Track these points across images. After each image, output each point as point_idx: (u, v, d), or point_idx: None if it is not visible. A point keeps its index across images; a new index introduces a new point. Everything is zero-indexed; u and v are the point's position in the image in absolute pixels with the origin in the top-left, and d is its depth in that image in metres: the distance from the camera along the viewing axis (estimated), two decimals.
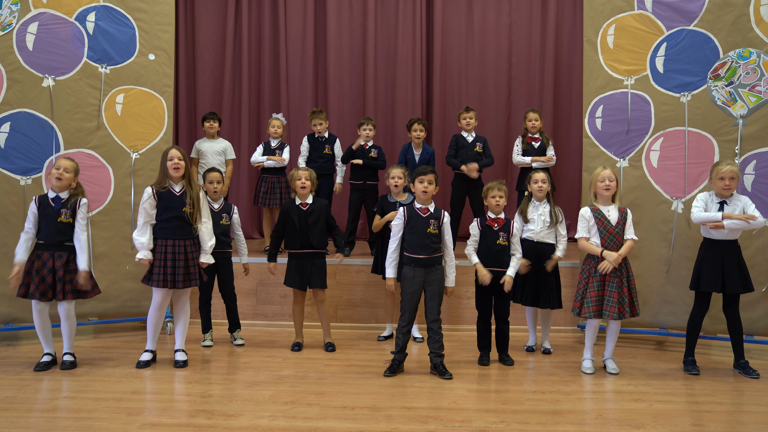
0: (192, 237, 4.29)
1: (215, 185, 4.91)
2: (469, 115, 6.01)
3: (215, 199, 4.94)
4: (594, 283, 4.24)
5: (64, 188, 4.23)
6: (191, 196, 4.26)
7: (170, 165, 4.23)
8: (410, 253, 4.18)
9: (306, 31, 7.64)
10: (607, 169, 4.37)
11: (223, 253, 4.90)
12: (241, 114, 7.66)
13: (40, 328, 4.23)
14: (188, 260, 4.24)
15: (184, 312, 4.40)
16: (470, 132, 6.01)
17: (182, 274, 4.21)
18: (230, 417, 3.39)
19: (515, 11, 7.62)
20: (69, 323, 4.26)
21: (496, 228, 4.42)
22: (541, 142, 6.01)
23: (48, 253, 4.17)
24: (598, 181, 4.34)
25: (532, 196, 4.70)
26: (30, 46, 4.88)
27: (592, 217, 4.31)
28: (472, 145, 5.96)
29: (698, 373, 4.30)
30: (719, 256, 4.25)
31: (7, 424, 3.26)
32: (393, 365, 4.22)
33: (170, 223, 4.21)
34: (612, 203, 4.34)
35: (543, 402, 3.72)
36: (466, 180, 5.92)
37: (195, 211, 4.28)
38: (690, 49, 4.93)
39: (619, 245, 4.26)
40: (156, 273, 4.18)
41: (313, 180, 4.80)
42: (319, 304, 4.83)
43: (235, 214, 5.01)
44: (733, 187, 4.24)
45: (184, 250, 4.23)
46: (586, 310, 4.23)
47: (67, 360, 4.27)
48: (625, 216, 4.32)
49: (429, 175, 4.18)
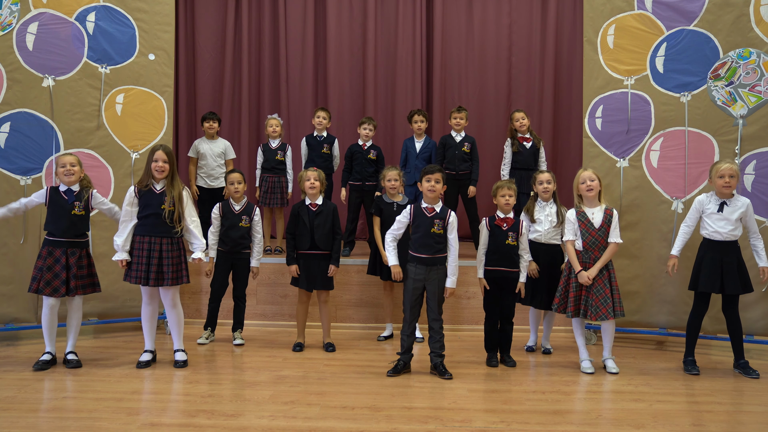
0: (170, 236, 4.23)
1: (236, 186, 4.91)
2: (460, 115, 6.00)
3: (238, 200, 4.93)
4: (574, 283, 4.29)
5: (76, 182, 4.30)
6: (172, 195, 4.24)
7: (154, 166, 4.22)
8: (414, 251, 4.18)
9: (306, 31, 7.63)
10: (588, 170, 4.42)
11: (241, 254, 4.91)
12: (241, 114, 7.66)
13: (47, 326, 4.23)
14: (162, 259, 4.20)
15: (175, 312, 4.34)
16: (459, 132, 6.02)
17: (155, 272, 4.17)
18: (230, 417, 3.39)
19: (515, 11, 7.62)
20: (77, 317, 4.32)
21: (505, 228, 4.42)
22: (532, 143, 6.01)
23: (60, 250, 4.19)
24: (579, 183, 4.38)
25: (537, 196, 4.71)
26: (30, 46, 4.88)
27: (576, 220, 4.33)
28: (460, 145, 5.97)
29: (698, 373, 4.30)
30: (719, 256, 4.25)
31: (8, 424, 3.26)
32: (398, 365, 4.21)
33: (148, 219, 4.21)
34: (599, 203, 4.35)
35: (543, 402, 3.72)
36: (457, 179, 5.93)
37: (176, 210, 4.24)
38: (690, 49, 4.93)
39: (601, 248, 4.27)
40: (134, 270, 4.19)
41: (322, 180, 4.80)
42: (321, 304, 4.83)
43: (257, 216, 5.00)
44: (732, 185, 4.25)
45: (160, 248, 4.20)
46: (568, 310, 4.31)
47: (72, 359, 4.29)
48: (610, 218, 4.32)
49: (436, 174, 4.17)
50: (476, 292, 4.89)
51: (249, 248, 4.95)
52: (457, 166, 5.93)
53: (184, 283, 4.32)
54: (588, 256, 4.29)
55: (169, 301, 4.32)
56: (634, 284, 5.00)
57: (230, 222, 4.88)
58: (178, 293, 4.38)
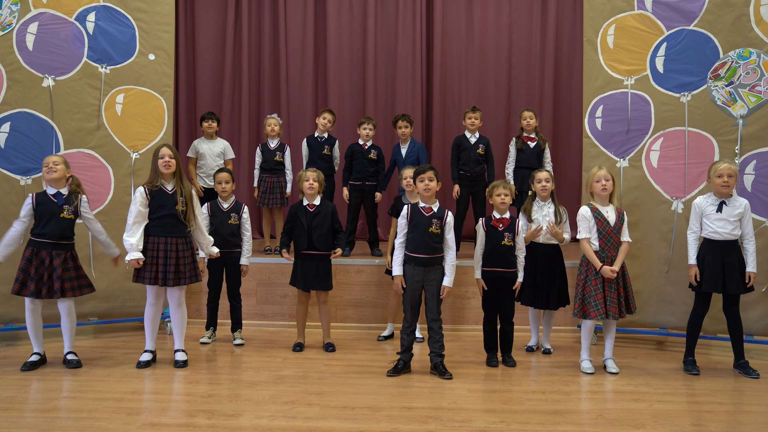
0: (184, 236, 4.26)
1: (224, 185, 4.92)
2: (474, 116, 5.98)
3: (225, 198, 4.95)
4: (598, 285, 4.24)
5: (59, 180, 4.23)
6: (183, 194, 4.25)
7: (161, 163, 4.21)
8: (411, 251, 4.17)
9: (306, 31, 7.64)
10: (603, 169, 4.37)
11: (231, 253, 4.91)
12: (241, 114, 7.66)
13: (31, 327, 4.23)
14: (179, 258, 4.22)
15: (180, 311, 4.36)
16: (474, 132, 6.00)
17: (173, 272, 4.19)
18: (230, 417, 3.39)
19: (515, 11, 7.62)
20: (70, 320, 4.28)
21: (501, 228, 4.41)
22: (536, 143, 6.01)
23: (46, 251, 4.16)
24: (594, 181, 4.34)
25: (536, 195, 4.70)
26: (30, 46, 4.88)
27: (593, 217, 4.31)
28: (475, 147, 5.95)
29: (698, 373, 4.30)
30: (720, 256, 4.25)
31: (7, 424, 3.26)
32: (398, 365, 4.21)
33: (163, 220, 4.20)
34: (609, 203, 4.34)
35: (543, 402, 3.72)
36: (471, 179, 5.92)
37: (188, 209, 4.26)
38: (690, 49, 4.93)
39: (615, 246, 4.27)
40: (148, 271, 4.17)
41: (321, 181, 4.80)
42: (321, 305, 4.84)
43: (245, 214, 5.01)
44: (731, 184, 4.24)
45: (176, 248, 4.21)
46: (596, 313, 4.19)
47: (72, 359, 4.28)
48: (622, 217, 4.33)
49: (428, 173, 4.17)
50: (476, 292, 4.89)
51: (239, 246, 4.95)
52: (472, 168, 5.92)
53: (198, 281, 4.38)
54: (605, 254, 4.26)
55: (175, 300, 4.33)
56: (634, 284, 4.95)
57: (219, 220, 4.89)
58: (184, 293, 4.40)
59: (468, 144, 5.97)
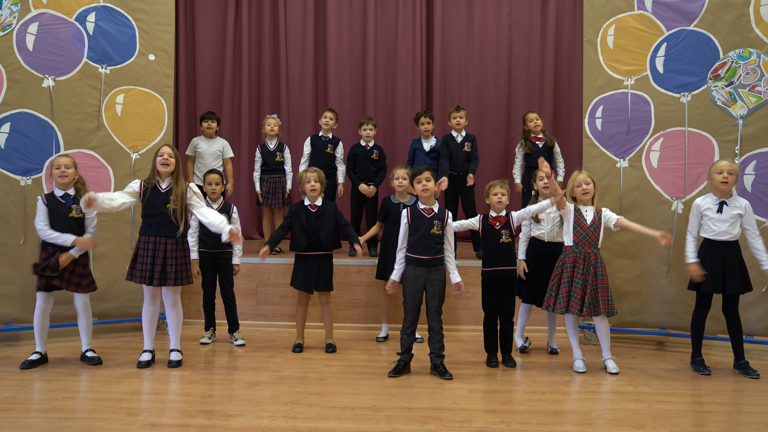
0: (174, 236, 4.24)
1: (213, 186, 4.93)
2: (459, 114, 5.99)
3: (214, 200, 4.95)
4: (565, 279, 4.29)
5: (69, 185, 4.30)
6: (176, 193, 4.24)
7: (159, 160, 4.23)
8: (412, 253, 4.17)
9: (306, 32, 7.63)
10: (583, 173, 4.43)
11: (223, 253, 4.91)
12: (241, 114, 7.65)
13: (38, 326, 4.26)
14: (167, 259, 4.21)
15: (174, 311, 4.37)
16: (460, 132, 6.01)
17: (159, 272, 4.19)
18: (230, 417, 3.39)
19: (515, 11, 7.61)
20: (86, 316, 4.36)
21: (498, 227, 4.41)
22: (544, 142, 6.03)
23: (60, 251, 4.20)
24: (575, 186, 4.40)
25: (539, 195, 4.71)
26: (30, 47, 4.88)
27: (571, 211, 4.35)
28: (461, 145, 5.96)
29: (709, 372, 4.30)
30: (720, 257, 4.25)
31: (7, 424, 3.26)
32: (398, 366, 4.21)
33: (153, 219, 4.21)
34: (591, 205, 4.39)
35: (543, 402, 3.72)
36: (457, 179, 5.93)
37: (180, 208, 4.24)
38: (690, 50, 4.93)
39: (591, 244, 4.30)
40: (139, 269, 4.20)
41: (323, 181, 4.79)
42: (323, 305, 4.83)
43: (235, 214, 5.01)
44: (730, 181, 4.24)
45: (164, 248, 4.21)
46: (559, 306, 4.29)
47: (93, 356, 4.34)
48: (600, 215, 4.37)
49: (425, 173, 4.17)
50: (476, 292, 4.89)
51: (231, 246, 4.94)
52: (459, 166, 5.93)
53: (187, 283, 4.34)
54: (578, 251, 4.29)
55: (170, 300, 4.33)
56: (634, 284, 5.00)
57: None
58: (179, 293, 4.39)
59: (455, 143, 5.97)
